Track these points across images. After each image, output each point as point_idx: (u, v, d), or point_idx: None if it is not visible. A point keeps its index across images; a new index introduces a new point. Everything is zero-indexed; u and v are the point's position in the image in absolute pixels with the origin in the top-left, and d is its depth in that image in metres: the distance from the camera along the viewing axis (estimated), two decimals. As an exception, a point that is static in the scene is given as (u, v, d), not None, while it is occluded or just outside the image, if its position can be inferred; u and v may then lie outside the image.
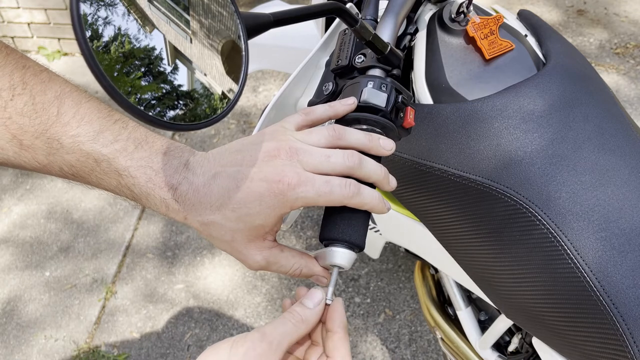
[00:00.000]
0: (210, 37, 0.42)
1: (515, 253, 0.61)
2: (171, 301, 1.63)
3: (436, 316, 1.04)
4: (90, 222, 1.87)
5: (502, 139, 0.61)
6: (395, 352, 1.46)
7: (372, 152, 0.45)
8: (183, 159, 0.43)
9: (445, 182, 0.64)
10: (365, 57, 0.54)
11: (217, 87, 0.42)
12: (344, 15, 0.46)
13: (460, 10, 0.67)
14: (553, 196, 0.58)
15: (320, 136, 0.43)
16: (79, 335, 1.59)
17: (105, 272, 1.72)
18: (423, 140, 0.66)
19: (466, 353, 0.98)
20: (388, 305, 1.56)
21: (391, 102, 0.47)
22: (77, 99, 0.41)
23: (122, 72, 0.35)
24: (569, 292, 0.57)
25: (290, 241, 1.74)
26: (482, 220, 0.63)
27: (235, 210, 0.40)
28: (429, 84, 0.67)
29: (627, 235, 0.56)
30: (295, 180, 0.40)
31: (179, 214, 0.42)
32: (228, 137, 2.08)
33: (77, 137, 0.40)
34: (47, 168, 0.42)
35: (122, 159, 0.41)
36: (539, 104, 0.62)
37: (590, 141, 0.61)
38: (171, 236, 1.80)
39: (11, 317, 1.65)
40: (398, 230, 0.93)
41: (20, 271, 1.76)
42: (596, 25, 2.30)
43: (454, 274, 0.86)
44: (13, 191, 2.00)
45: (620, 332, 0.53)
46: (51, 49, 2.55)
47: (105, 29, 0.34)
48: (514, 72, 0.66)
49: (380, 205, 0.44)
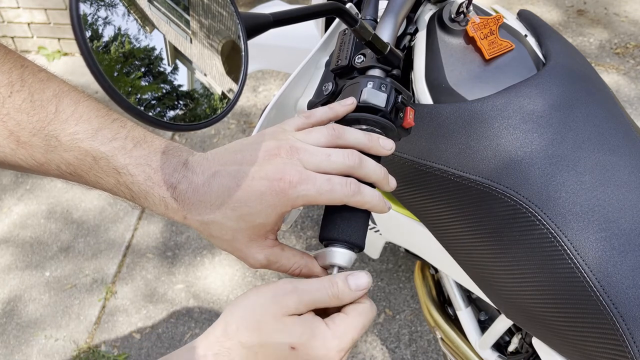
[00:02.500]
0: (210, 37, 0.42)
1: (515, 253, 0.61)
2: (171, 301, 1.63)
3: (436, 316, 1.04)
4: (91, 222, 1.87)
5: (502, 139, 0.61)
6: (395, 352, 1.46)
7: (371, 151, 0.45)
8: (182, 158, 0.43)
9: (445, 182, 0.64)
10: (365, 57, 0.54)
11: (217, 87, 0.42)
12: (343, 15, 0.46)
13: (460, 10, 0.67)
14: (553, 196, 0.58)
15: (320, 135, 0.43)
16: (79, 335, 1.59)
17: (105, 272, 1.72)
18: (423, 140, 0.66)
19: (466, 353, 0.98)
20: (388, 305, 1.56)
21: (391, 102, 0.47)
22: (76, 98, 0.42)
23: (121, 72, 0.35)
24: (569, 292, 0.57)
25: (290, 241, 1.74)
26: (482, 220, 0.63)
27: (236, 209, 0.40)
28: (429, 84, 0.67)
29: (627, 235, 0.56)
30: (296, 178, 0.40)
31: (178, 213, 0.42)
32: (228, 137, 2.08)
33: (76, 134, 0.40)
34: (44, 167, 0.42)
35: (120, 157, 0.41)
36: (539, 104, 0.62)
37: (590, 141, 0.61)
38: (171, 236, 1.80)
39: (11, 317, 1.65)
40: (398, 230, 0.93)
41: (20, 271, 1.76)
42: (596, 25, 2.30)
43: (454, 274, 0.86)
44: (13, 191, 2.00)
45: (620, 332, 0.53)
46: (51, 49, 2.55)
47: (105, 29, 0.34)
48: (514, 72, 0.66)
49: (381, 204, 0.43)
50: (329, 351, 0.38)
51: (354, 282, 0.40)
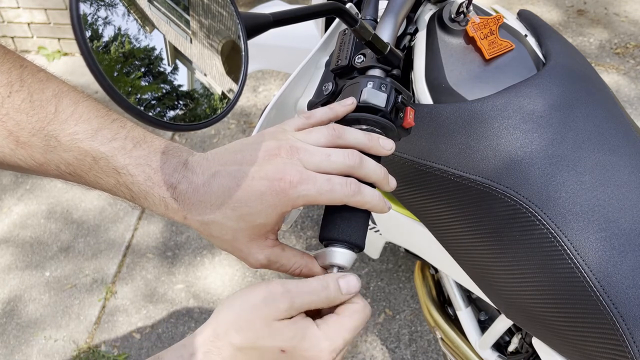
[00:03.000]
0: (210, 37, 0.42)
1: (515, 253, 0.61)
2: (171, 301, 1.63)
3: (436, 316, 1.04)
4: (91, 222, 1.87)
5: (502, 139, 0.61)
6: (395, 352, 1.46)
7: (371, 151, 0.45)
8: (182, 158, 0.43)
9: (445, 182, 0.64)
10: (365, 57, 0.54)
11: (217, 87, 0.42)
12: (343, 15, 0.46)
13: (460, 10, 0.67)
14: (553, 196, 0.58)
15: (320, 135, 0.43)
16: (79, 335, 1.59)
17: (105, 272, 1.72)
18: (423, 140, 0.66)
19: (466, 353, 0.98)
20: (388, 305, 1.56)
21: (391, 102, 0.47)
22: (75, 98, 0.42)
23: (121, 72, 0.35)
24: (569, 292, 0.57)
25: (290, 241, 1.74)
26: (482, 220, 0.63)
27: (236, 209, 0.40)
28: (429, 84, 0.67)
29: (627, 235, 0.56)
30: (296, 178, 0.40)
31: (178, 213, 0.42)
32: (228, 137, 2.08)
33: (75, 134, 0.40)
34: (43, 167, 0.42)
35: (120, 157, 0.41)
36: (539, 104, 0.62)
37: (590, 141, 0.61)
38: (171, 236, 1.80)
39: (11, 317, 1.65)
40: (398, 230, 0.93)
41: (20, 271, 1.76)
42: (596, 25, 2.30)
43: (454, 274, 0.86)
44: (13, 191, 2.00)
45: (620, 332, 0.53)
46: (51, 49, 2.55)
47: (105, 29, 0.34)
48: (514, 72, 0.66)
49: (381, 204, 0.43)
50: (321, 352, 0.38)
51: (345, 284, 0.40)
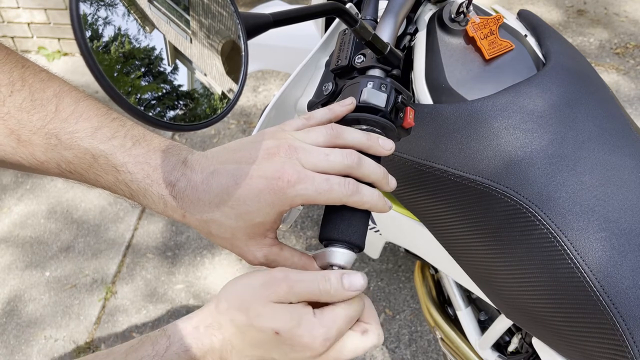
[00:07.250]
0: (210, 37, 0.42)
1: (515, 253, 0.61)
2: (171, 301, 1.63)
3: (436, 316, 1.04)
4: (91, 222, 1.87)
5: (502, 139, 0.61)
6: (395, 352, 1.46)
7: (371, 151, 0.45)
8: (181, 157, 0.43)
9: (445, 182, 0.64)
10: (365, 57, 0.54)
11: (217, 87, 0.42)
12: (343, 15, 0.46)
13: (460, 10, 0.67)
14: (553, 196, 0.58)
15: (319, 134, 0.43)
16: (79, 335, 1.59)
17: (105, 272, 1.72)
18: (423, 140, 0.66)
19: (466, 353, 0.98)
20: (388, 305, 1.56)
21: (391, 102, 0.47)
22: (76, 97, 0.42)
23: (121, 72, 0.35)
24: (569, 292, 0.57)
25: (290, 241, 1.74)
26: (482, 220, 0.63)
27: (235, 207, 0.40)
28: (429, 84, 0.67)
29: (627, 235, 0.56)
30: (294, 178, 0.40)
31: (177, 211, 0.42)
32: (228, 137, 2.08)
33: (76, 133, 0.41)
34: (44, 165, 0.42)
35: (119, 155, 0.41)
36: (539, 104, 0.62)
37: (590, 141, 0.61)
38: (171, 236, 1.80)
39: (11, 317, 1.65)
40: (398, 230, 0.93)
41: (20, 271, 1.76)
42: (596, 25, 2.30)
43: (454, 274, 0.86)
44: (13, 191, 2.00)
45: (620, 332, 0.53)
46: (51, 49, 2.55)
47: (105, 29, 0.34)
48: (514, 72, 0.66)
49: (381, 203, 0.43)
50: (315, 339, 0.38)
51: (348, 280, 0.40)
